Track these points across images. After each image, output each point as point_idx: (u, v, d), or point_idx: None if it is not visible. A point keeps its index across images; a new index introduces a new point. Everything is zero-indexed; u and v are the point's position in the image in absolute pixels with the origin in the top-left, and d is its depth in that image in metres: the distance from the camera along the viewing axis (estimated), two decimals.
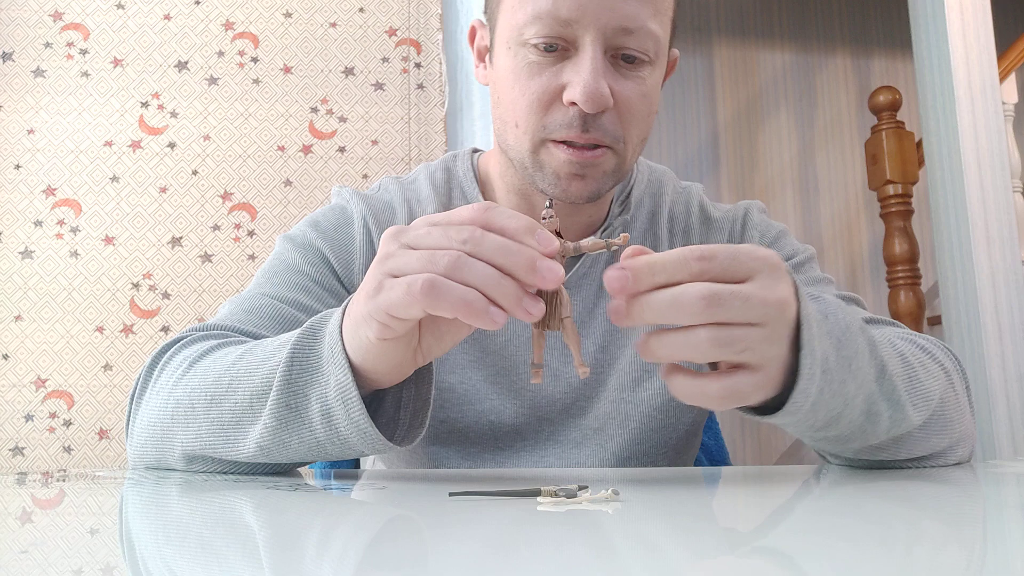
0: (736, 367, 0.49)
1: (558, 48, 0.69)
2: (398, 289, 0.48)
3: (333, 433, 0.55)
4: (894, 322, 0.75)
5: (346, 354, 0.54)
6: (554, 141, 0.70)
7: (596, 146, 0.70)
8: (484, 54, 0.79)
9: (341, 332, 0.54)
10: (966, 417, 0.66)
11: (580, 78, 0.67)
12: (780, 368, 0.50)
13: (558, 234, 0.50)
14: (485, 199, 0.81)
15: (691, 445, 0.83)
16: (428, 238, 0.49)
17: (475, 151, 0.87)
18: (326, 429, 0.55)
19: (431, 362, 0.58)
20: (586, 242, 0.51)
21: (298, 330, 0.58)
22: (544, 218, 0.50)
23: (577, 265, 0.79)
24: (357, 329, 0.53)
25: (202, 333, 0.70)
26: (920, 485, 0.53)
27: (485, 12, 0.78)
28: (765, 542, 0.33)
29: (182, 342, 0.68)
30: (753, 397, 0.49)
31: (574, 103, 0.68)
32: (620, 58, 0.69)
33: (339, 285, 0.78)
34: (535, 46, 0.69)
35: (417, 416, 0.59)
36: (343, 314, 0.55)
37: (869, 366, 0.56)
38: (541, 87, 0.70)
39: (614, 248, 0.50)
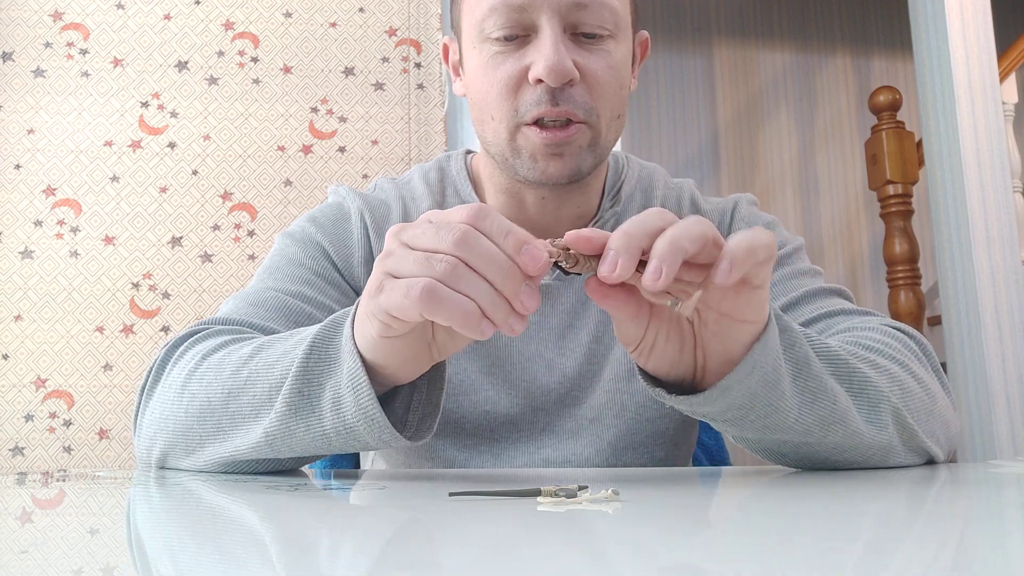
0: None
1: (518, 36, 0.71)
2: (397, 292, 0.48)
3: (340, 421, 0.55)
4: (867, 311, 0.76)
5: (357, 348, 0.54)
6: (528, 124, 0.72)
7: (568, 123, 0.71)
8: (458, 68, 0.81)
9: (353, 325, 0.55)
10: (938, 407, 0.66)
11: (542, 55, 0.69)
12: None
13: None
14: (478, 198, 0.82)
15: (688, 436, 0.83)
16: (424, 237, 0.49)
17: (468, 152, 0.88)
18: (334, 417, 0.55)
19: (444, 370, 0.58)
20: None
21: (320, 324, 0.58)
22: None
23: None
24: (362, 325, 0.53)
25: (216, 328, 0.70)
26: (922, 485, 0.53)
27: (452, 27, 0.81)
28: (764, 543, 0.33)
29: (196, 336, 0.68)
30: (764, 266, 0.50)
31: (540, 80, 0.70)
32: (581, 35, 0.71)
33: (340, 278, 0.79)
34: (496, 39, 0.72)
35: (426, 420, 0.59)
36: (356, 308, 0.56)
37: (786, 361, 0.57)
38: (507, 73, 0.72)
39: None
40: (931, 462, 0.66)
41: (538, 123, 0.71)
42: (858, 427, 0.59)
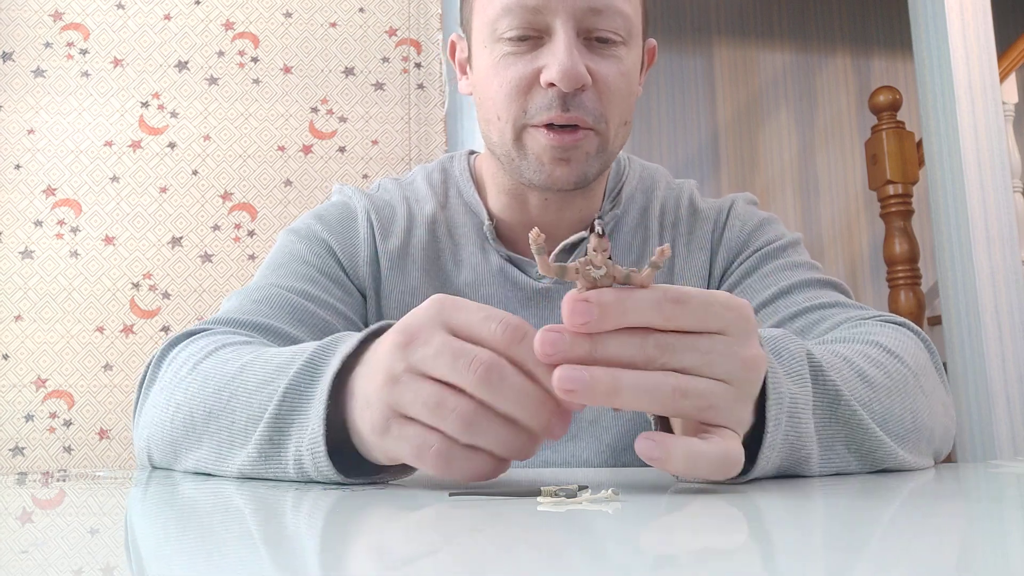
0: (704, 430, 0.44)
1: (531, 37, 0.70)
2: (405, 449, 0.45)
3: (304, 477, 0.52)
4: (862, 306, 0.74)
5: (326, 412, 0.49)
6: (535, 126, 0.71)
7: (577, 128, 0.71)
8: (465, 66, 0.80)
9: (332, 388, 0.49)
10: (938, 409, 0.63)
11: (555, 59, 0.68)
12: (742, 433, 0.46)
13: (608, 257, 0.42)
14: (481, 199, 0.82)
15: None
16: (439, 364, 0.43)
17: (471, 153, 0.88)
18: (297, 473, 0.52)
19: None
20: (639, 274, 0.42)
21: (305, 354, 0.53)
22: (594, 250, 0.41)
23: (562, 244, 0.79)
24: (365, 445, 0.49)
25: (216, 328, 0.68)
26: (921, 485, 0.53)
27: (461, 24, 0.80)
28: (764, 543, 0.33)
29: (192, 337, 0.67)
30: (738, 468, 0.44)
31: (552, 84, 0.69)
32: (594, 40, 0.71)
33: (345, 277, 0.79)
34: (509, 39, 0.71)
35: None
36: (340, 364, 0.50)
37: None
38: (518, 74, 0.71)
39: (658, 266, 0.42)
40: None
41: (546, 125, 0.71)
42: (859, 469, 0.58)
